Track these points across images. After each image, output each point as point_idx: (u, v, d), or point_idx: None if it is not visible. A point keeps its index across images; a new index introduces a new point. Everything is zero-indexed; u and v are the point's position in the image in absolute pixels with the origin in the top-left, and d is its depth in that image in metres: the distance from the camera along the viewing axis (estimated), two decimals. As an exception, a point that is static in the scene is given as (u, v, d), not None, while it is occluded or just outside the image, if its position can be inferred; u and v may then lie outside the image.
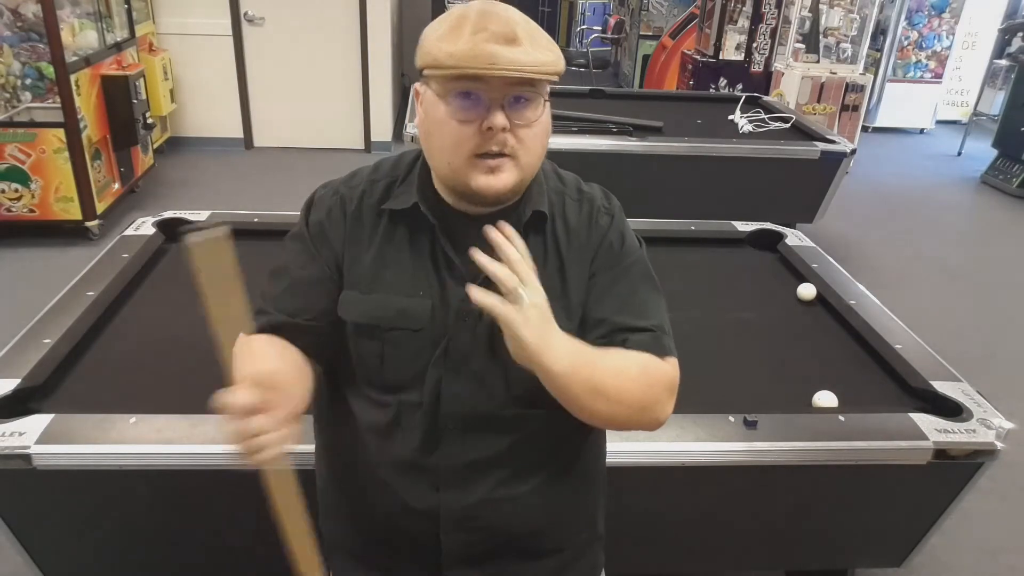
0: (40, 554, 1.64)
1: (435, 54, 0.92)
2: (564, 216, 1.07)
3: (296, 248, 1.08)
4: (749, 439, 1.61)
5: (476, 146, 0.94)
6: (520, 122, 0.94)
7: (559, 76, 0.96)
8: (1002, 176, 6.08)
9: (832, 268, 2.48)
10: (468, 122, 0.93)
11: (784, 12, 5.61)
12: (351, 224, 1.05)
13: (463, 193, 0.99)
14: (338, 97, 5.96)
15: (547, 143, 1.02)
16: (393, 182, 1.07)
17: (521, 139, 0.95)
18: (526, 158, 0.97)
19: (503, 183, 0.96)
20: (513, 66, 0.89)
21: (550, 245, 1.05)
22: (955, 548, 2.36)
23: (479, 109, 0.93)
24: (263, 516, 0.99)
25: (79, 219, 4.07)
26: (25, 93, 4.36)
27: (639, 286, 1.07)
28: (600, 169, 2.67)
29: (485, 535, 1.09)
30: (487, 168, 0.95)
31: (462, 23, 0.92)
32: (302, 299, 1.04)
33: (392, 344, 1.02)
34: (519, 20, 0.94)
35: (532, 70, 0.91)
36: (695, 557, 1.91)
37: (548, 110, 1.00)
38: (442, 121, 0.95)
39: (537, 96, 0.95)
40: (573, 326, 1.03)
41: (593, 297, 1.05)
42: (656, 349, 1.02)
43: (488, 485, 1.05)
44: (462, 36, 0.91)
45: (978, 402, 1.73)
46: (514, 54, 0.90)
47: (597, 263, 1.06)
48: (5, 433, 1.45)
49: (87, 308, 1.93)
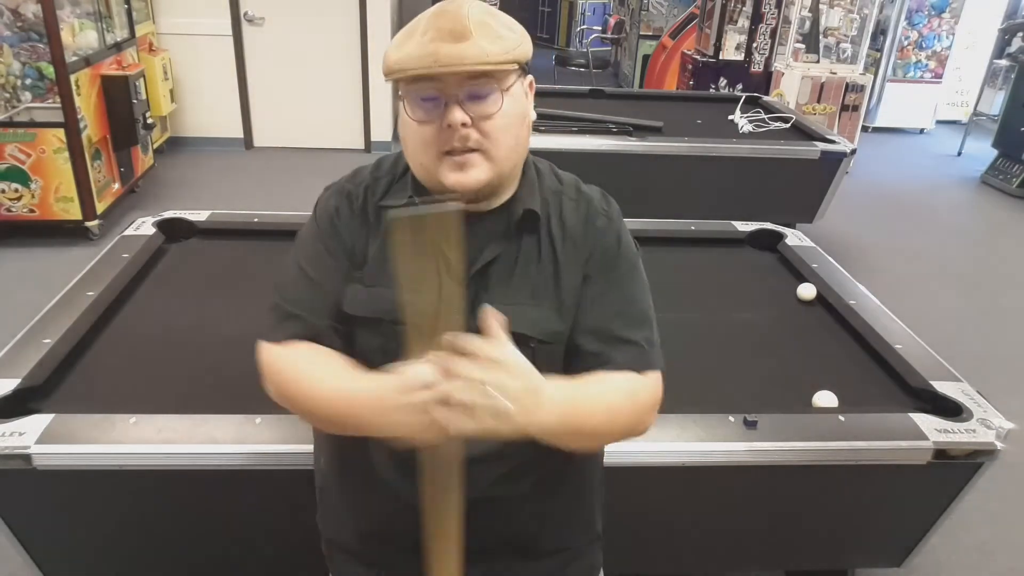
0: (40, 554, 1.64)
1: (388, 61, 0.95)
2: (560, 216, 1.07)
3: (311, 251, 1.07)
4: (749, 439, 1.61)
5: (441, 145, 0.95)
6: (481, 114, 0.94)
7: (517, 63, 0.95)
8: (1002, 176, 6.07)
9: (832, 268, 2.48)
10: (429, 122, 0.94)
11: (784, 12, 5.61)
12: (359, 220, 1.06)
13: (440, 192, 0.99)
14: (338, 97, 5.96)
15: (524, 134, 1.01)
16: (393, 179, 1.08)
17: (487, 132, 0.95)
18: (496, 151, 0.97)
19: (473, 179, 0.96)
20: (455, 61, 0.90)
21: (544, 245, 1.05)
22: (955, 548, 2.36)
23: (438, 108, 0.93)
24: (263, 516, 0.99)
25: (79, 219, 4.07)
26: (25, 93, 4.36)
27: (634, 294, 1.07)
28: (600, 169, 2.68)
29: (483, 533, 1.09)
30: (455, 165, 0.96)
31: (416, 27, 0.94)
32: (329, 301, 1.04)
33: (396, 339, 1.03)
34: (473, 13, 0.93)
35: (475, 62, 0.90)
36: (695, 557, 1.91)
37: (519, 101, 0.98)
38: (408, 124, 0.96)
39: (494, 89, 0.94)
40: (565, 327, 1.04)
41: (587, 302, 1.04)
42: (642, 364, 1.02)
43: (486, 482, 1.06)
44: (412, 40, 0.93)
45: (978, 402, 1.73)
46: (459, 49, 0.90)
47: (591, 266, 1.06)
48: (5, 433, 1.45)
49: (87, 308, 1.93)
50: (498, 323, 0.84)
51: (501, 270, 1.03)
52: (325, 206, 1.09)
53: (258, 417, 1.53)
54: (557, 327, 1.03)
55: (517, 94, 0.98)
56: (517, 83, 0.97)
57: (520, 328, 1.01)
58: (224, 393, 1.65)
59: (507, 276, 1.03)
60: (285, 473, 1.48)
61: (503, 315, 0.86)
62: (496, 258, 1.03)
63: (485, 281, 1.03)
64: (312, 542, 1.28)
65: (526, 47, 0.97)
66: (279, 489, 1.56)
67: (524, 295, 1.03)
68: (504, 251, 1.03)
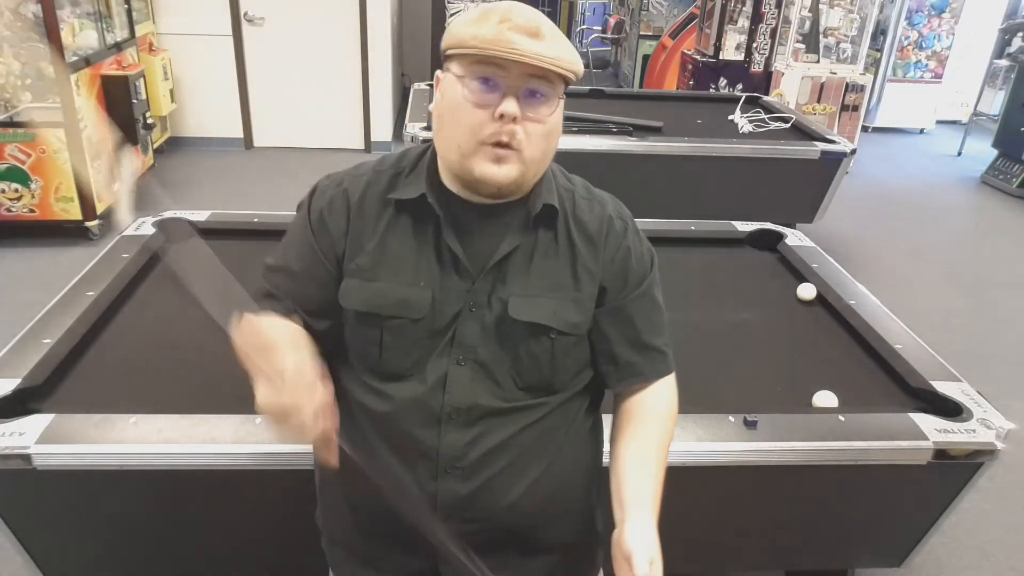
0: (40, 554, 1.64)
1: (461, 35, 0.95)
2: (575, 212, 1.09)
3: (296, 238, 1.10)
4: (749, 439, 1.61)
5: (486, 133, 0.95)
6: (532, 115, 0.96)
7: (576, 77, 0.98)
8: (1002, 176, 6.08)
9: (832, 268, 2.48)
10: (483, 106, 0.95)
11: (784, 12, 5.60)
12: (354, 214, 1.06)
13: (467, 180, 1.00)
14: (338, 97, 5.96)
15: (554, 146, 1.03)
16: (399, 173, 1.08)
17: (529, 134, 0.96)
18: (530, 153, 0.98)
19: (505, 175, 0.97)
20: (533, 55, 0.91)
21: (562, 239, 1.07)
22: (955, 548, 2.36)
23: (495, 95, 0.94)
24: (263, 516, 0.99)
25: (79, 219, 4.08)
26: (25, 93, 4.36)
27: (657, 299, 1.14)
28: (600, 169, 2.68)
29: (481, 526, 1.09)
30: (494, 156, 0.96)
31: (489, 14, 0.95)
32: (303, 292, 1.07)
33: (391, 333, 1.04)
34: (544, 19, 0.96)
35: (551, 62, 0.93)
36: (695, 557, 1.91)
37: (559, 114, 1.00)
38: (458, 104, 0.96)
39: (552, 93, 0.96)
40: (583, 318, 1.06)
41: (622, 310, 1.09)
42: (667, 369, 1.14)
43: (486, 475, 1.06)
44: (486, 23, 0.93)
45: (978, 402, 1.73)
46: (536, 46, 0.92)
47: (620, 278, 1.09)
48: (5, 433, 1.45)
49: (87, 308, 1.93)
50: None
51: (519, 262, 1.05)
52: (320, 197, 1.10)
53: (258, 417, 1.52)
54: (575, 318, 1.05)
55: (560, 108, 1.00)
56: (560, 99, 0.99)
57: (539, 319, 1.03)
58: (224, 393, 1.64)
59: (525, 268, 1.05)
60: (285, 473, 1.48)
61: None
62: (514, 250, 1.04)
63: (503, 273, 1.04)
64: (312, 541, 1.28)
65: (582, 66, 0.99)
66: (279, 489, 1.56)
67: (542, 287, 1.05)
68: (522, 244, 1.05)
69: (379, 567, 1.18)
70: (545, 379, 1.06)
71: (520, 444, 1.07)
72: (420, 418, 1.04)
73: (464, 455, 1.05)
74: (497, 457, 1.06)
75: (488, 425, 1.05)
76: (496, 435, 1.06)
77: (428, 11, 7.35)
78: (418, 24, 7.38)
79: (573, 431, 1.14)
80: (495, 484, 1.07)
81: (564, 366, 1.07)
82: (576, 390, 1.12)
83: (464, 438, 1.04)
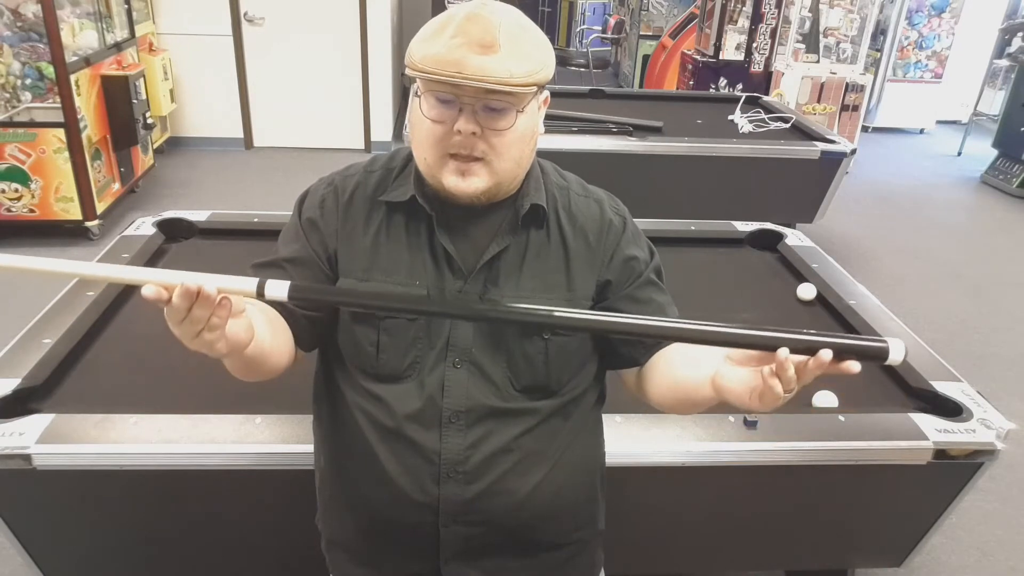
0: (40, 554, 1.64)
1: (412, 55, 0.94)
2: (569, 209, 1.09)
3: (288, 238, 1.10)
4: (749, 439, 1.61)
5: (448, 146, 0.95)
6: (492, 127, 0.95)
7: (538, 86, 0.95)
8: (1002, 176, 6.07)
9: (832, 268, 2.47)
10: (441, 122, 0.95)
11: (784, 12, 5.60)
12: (344, 213, 1.07)
13: (439, 191, 1.01)
14: (338, 97, 5.96)
15: (528, 149, 1.01)
16: (388, 174, 1.09)
17: (493, 145, 0.95)
18: (500, 163, 0.97)
19: (473, 187, 0.97)
20: (479, 76, 0.89)
21: (554, 238, 1.07)
22: (955, 548, 2.36)
23: (452, 111, 0.94)
24: (263, 516, 0.99)
25: (79, 219, 4.07)
26: (25, 93, 4.36)
27: (663, 288, 1.16)
28: (600, 169, 2.68)
29: (484, 529, 1.09)
30: (457, 169, 0.97)
31: (446, 25, 0.93)
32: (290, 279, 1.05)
33: (387, 332, 1.04)
34: (506, 24, 0.92)
35: (497, 81, 0.90)
36: (695, 557, 1.91)
37: (531, 117, 0.98)
38: (419, 118, 0.97)
39: (510, 107, 0.94)
40: None
41: (639, 296, 1.10)
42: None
43: (489, 478, 1.06)
44: (440, 39, 0.92)
45: (978, 402, 1.73)
46: (484, 62, 0.89)
47: (625, 270, 1.09)
48: (5, 433, 1.45)
49: (87, 308, 1.93)
50: None
51: (511, 263, 1.04)
52: (312, 197, 1.10)
53: (258, 417, 1.53)
54: None
55: (531, 111, 0.98)
56: (533, 101, 0.97)
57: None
58: (224, 393, 1.64)
59: (516, 269, 1.04)
60: (285, 473, 1.48)
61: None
62: (504, 251, 1.04)
63: (494, 275, 1.04)
64: (312, 542, 1.28)
65: (549, 70, 0.97)
66: (279, 489, 1.56)
67: (534, 287, 1.04)
68: (513, 244, 1.04)
69: (379, 568, 1.18)
70: (541, 380, 1.06)
71: (522, 447, 1.07)
72: (421, 422, 1.04)
73: (466, 459, 1.05)
74: (500, 461, 1.06)
75: (489, 428, 1.05)
76: (497, 438, 1.05)
77: (428, 11, 7.35)
78: (418, 24, 7.23)
79: (575, 433, 1.13)
80: (498, 488, 1.07)
81: (560, 366, 1.07)
82: (576, 393, 1.12)
83: (465, 441, 1.04)
